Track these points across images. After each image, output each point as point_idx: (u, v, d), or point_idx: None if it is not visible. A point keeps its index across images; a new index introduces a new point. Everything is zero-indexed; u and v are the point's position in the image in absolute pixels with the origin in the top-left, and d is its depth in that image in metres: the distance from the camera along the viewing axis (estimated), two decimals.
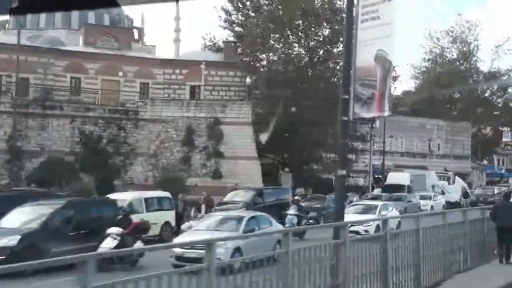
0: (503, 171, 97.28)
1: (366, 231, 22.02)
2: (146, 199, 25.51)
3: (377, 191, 52.97)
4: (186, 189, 36.32)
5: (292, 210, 28.43)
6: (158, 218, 25.12)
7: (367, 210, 27.39)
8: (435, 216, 17.27)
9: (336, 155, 51.96)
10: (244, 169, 39.90)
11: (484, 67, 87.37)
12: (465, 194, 53.12)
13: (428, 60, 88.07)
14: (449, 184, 63.41)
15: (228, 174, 39.87)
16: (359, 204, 29.93)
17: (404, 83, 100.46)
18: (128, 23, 57.21)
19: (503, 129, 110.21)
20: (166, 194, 27.28)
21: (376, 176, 60.76)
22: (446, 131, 79.14)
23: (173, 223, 26.44)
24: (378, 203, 29.93)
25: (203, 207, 29.66)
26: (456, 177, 66.72)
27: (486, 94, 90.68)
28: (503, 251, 17.24)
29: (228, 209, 32.81)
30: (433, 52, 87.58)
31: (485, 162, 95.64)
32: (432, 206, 47.84)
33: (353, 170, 61.89)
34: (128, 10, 47.58)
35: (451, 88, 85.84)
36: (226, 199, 34.94)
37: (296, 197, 34.42)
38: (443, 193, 54.13)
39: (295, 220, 27.12)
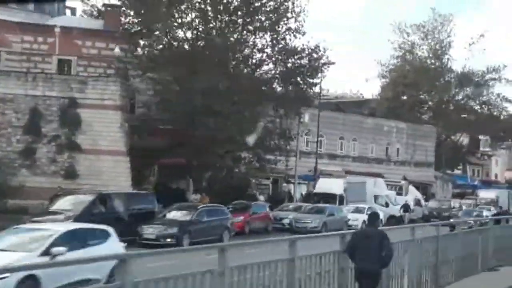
0: (476, 182, 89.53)
1: None
2: None
3: None
4: (10, 191, 27.11)
5: None
6: None
7: (29, 243, 13.83)
8: None
9: (251, 153, 43.04)
10: (108, 167, 30.60)
11: (457, 66, 79.87)
12: (405, 207, 43.80)
13: (397, 57, 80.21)
14: (400, 194, 54.65)
15: (86, 173, 30.44)
16: (25, 230, 15.44)
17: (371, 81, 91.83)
18: None
19: (481, 137, 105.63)
20: None
21: None
22: (407, 135, 70.03)
23: None
24: (58, 229, 14.52)
25: None
26: (410, 186, 57.82)
27: (459, 97, 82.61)
28: None
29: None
30: (402, 49, 79.80)
31: (459, 172, 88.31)
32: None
33: (289, 175, 52.95)
34: None
35: (419, 88, 78.08)
36: (54, 207, 25.62)
37: None
38: (387, 205, 45.24)
39: None
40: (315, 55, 40.14)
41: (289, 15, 39.48)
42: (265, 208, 35.57)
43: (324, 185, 42.72)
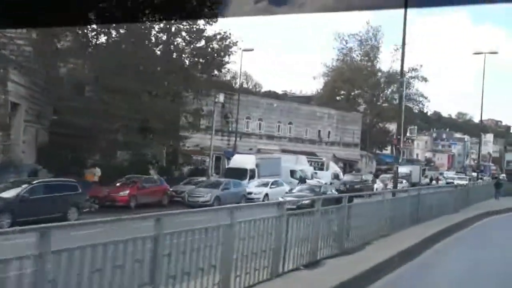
0: (400, 160, 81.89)
1: None
2: None
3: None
4: None
5: None
6: None
7: None
8: None
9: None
10: None
11: (385, 67, 72.18)
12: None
13: (338, 60, 71.70)
14: (322, 170, 45.53)
15: None
16: None
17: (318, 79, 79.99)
18: None
19: (410, 127, 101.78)
20: None
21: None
22: (337, 120, 60.96)
23: None
24: None
25: None
26: (331, 162, 48.62)
27: (387, 92, 73.91)
28: None
29: None
30: (342, 53, 71.31)
31: (387, 152, 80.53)
32: (267, 195, 29.64)
33: (229, 152, 43.66)
34: None
35: (354, 84, 69.32)
36: None
37: None
38: (302, 179, 36.06)
39: None
40: (225, 42, 30.78)
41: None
42: (160, 182, 26.25)
43: (237, 160, 33.38)
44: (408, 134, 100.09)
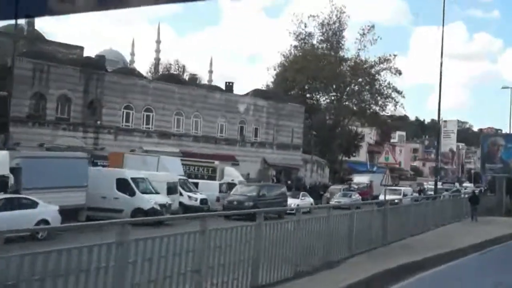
0: (374, 168, 67.88)
1: None
2: None
3: None
4: None
5: None
6: None
7: None
8: None
9: None
10: None
11: (351, 56, 57.16)
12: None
13: (295, 46, 57.15)
14: (214, 178, 30.30)
15: None
16: None
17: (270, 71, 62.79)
18: None
19: (399, 133, 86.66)
20: None
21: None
22: (268, 113, 45.64)
23: None
24: None
25: None
26: (229, 168, 33.05)
27: (354, 86, 59.09)
28: None
29: None
30: (300, 38, 56.78)
31: (358, 158, 66.36)
32: None
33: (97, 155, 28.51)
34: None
35: (309, 73, 54.14)
36: None
37: None
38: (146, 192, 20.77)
39: None
40: None
41: None
42: None
43: None
44: (395, 140, 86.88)
